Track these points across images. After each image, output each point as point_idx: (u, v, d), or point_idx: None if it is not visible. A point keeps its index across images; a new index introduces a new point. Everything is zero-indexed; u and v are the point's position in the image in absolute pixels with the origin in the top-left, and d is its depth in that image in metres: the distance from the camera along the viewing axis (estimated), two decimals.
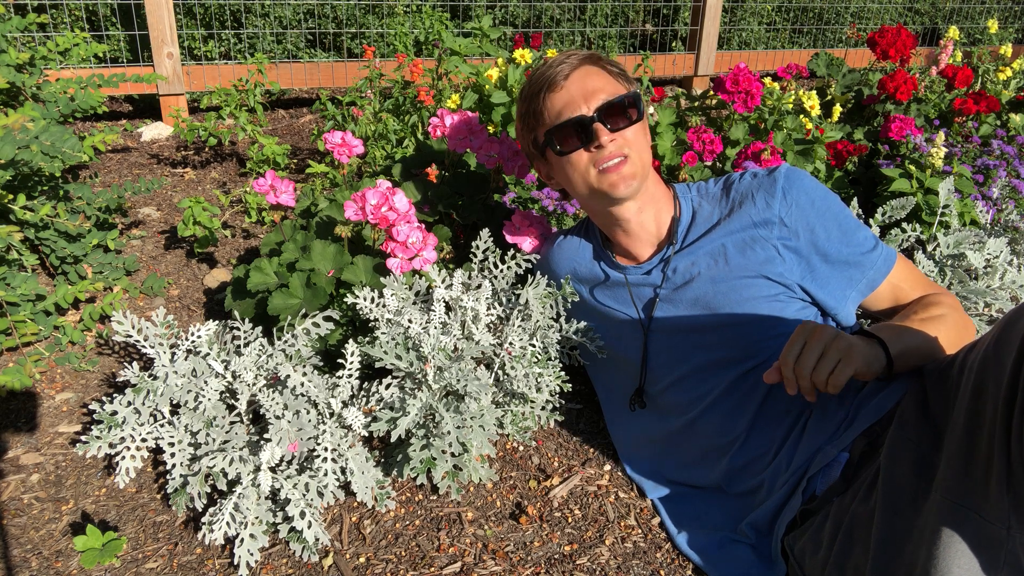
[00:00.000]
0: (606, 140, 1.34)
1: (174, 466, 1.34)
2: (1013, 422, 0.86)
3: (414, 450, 1.32)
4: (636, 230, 1.43)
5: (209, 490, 1.41)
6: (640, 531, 1.38)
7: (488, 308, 1.50)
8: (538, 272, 1.66)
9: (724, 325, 1.34)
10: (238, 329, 1.56)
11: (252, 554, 1.25)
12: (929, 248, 2.07)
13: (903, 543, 0.98)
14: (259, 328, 1.54)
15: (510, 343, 1.43)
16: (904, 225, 2.09)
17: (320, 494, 1.31)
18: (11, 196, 1.82)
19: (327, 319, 1.49)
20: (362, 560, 1.31)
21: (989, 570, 0.89)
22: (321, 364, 1.49)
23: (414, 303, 1.51)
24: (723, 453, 1.34)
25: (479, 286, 1.53)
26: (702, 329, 1.37)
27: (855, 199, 2.22)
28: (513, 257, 1.59)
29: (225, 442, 1.32)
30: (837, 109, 2.74)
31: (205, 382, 1.37)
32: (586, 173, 1.38)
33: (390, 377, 1.42)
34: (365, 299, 1.46)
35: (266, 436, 1.28)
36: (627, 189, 1.36)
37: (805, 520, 1.20)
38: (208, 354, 1.44)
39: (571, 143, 1.37)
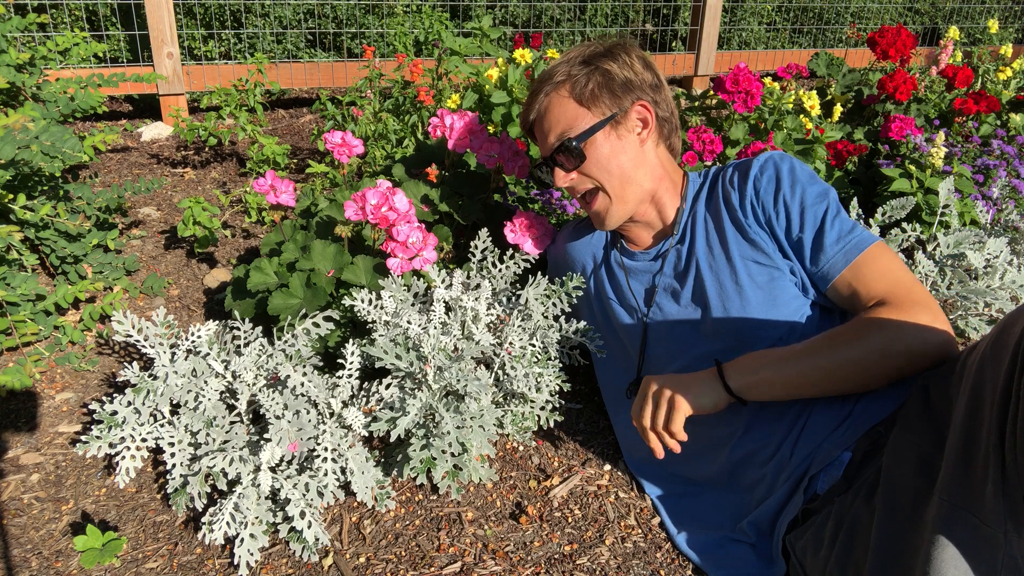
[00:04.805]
0: (563, 183, 1.44)
1: (174, 466, 1.34)
2: (1007, 427, 0.86)
3: (414, 450, 1.32)
4: (640, 221, 1.49)
5: (209, 490, 1.41)
6: (640, 531, 1.38)
7: (488, 308, 1.50)
8: (548, 262, 1.68)
9: (720, 314, 1.35)
10: (238, 329, 1.56)
11: (252, 554, 1.25)
12: (929, 248, 2.07)
13: (903, 544, 0.98)
14: (259, 328, 1.54)
15: (510, 343, 1.43)
16: (904, 225, 2.09)
17: (320, 494, 1.31)
18: (11, 196, 1.82)
19: (327, 319, 1.49)
20: (362, 560, 1.31)
21: (988, 573, 0.89)
22: (321, 364, 1.49)
23: (413, 304, 1.51)
24: (723, 445, 1.34)
25: (478, 286, 1.53)
26: (698, 319, 1.38)
27: (855, 199, 2.22)
28: (512, 256, 1.59)
29: (225, 442, 1.32)
30: (837, 109, 2.74)
31: (205, 382, 1.37)
32: (573, 196, 1.50)
33: (390, 377, 1.42)
34: (363, 301, 1.46)
35: (266, 436, 1.28)
36: (602, 225, 1.47)
37: (807, 519, 1.20)
38: (208, 354, 1.44)
39: (549, 177, 1.47)
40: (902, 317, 1.19)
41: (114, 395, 1.41)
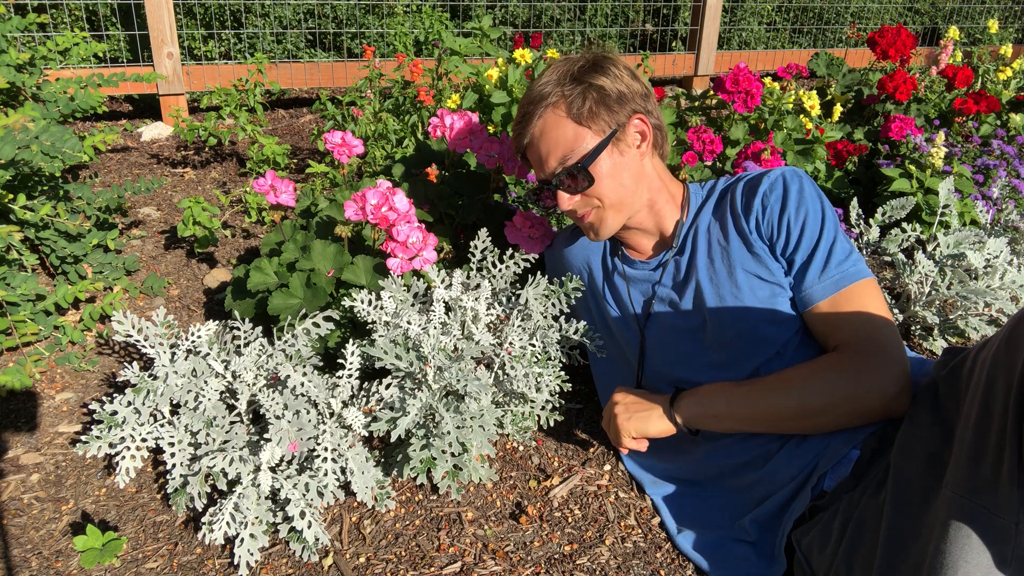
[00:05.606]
0: (567, 206, 1.40)
1: (174, 466, 1.34)
2: None
3: (414, 450, 1.32)
4: (638, 229, 1.47)
5: (209, 490, 1.41)
6: (640, 531, 1.38)
7: (488, 308, 1.50)
8: (547, 265, 1.67)
9: (718, 326, 1.35)
10: (238, 329, 1.56)
11: (252, 554, 1.25)
12: (929, 248, 2.07)
13: (912, 539, 0.99)
14: (259, 328, 1.54)
15: (510, 343, 1.43)
16: (904, 225, 2.09)
17: (320, 494, 1.31)
18: (11, 196, 1.82)
19: (327, 319, 1.49)
20: (362, 560, 1.31)
21: (997, 565, 0.89)
22: (321, 364, 1.49)
23: (413, 304, 1.51)
24: (724, 451, 1.34)
25: (478, 286, 1.53)
26: (698, 329, 1.38)
27: (855, 199, 2.22)
28: (512, 256, 1.59)
29: (225, 442, 1.32)
30: (837, 109, 2.74)
31: (205, 382, 1.37)
32: (572, 218, 1.47)
33: (390, 377, 1.42)
34: (363, 302, 1.46)
35: (266, 436, 1.28)
36: (597, 236, 1.45)
37: (813, 516, 1.21)
38: (208, 354, 1.44)
39: (550, 201, 1.43)
40: (864, 367, 1.21)
41: (114, 395, 1.41)
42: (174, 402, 1.41)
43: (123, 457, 1.36)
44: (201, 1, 3.65)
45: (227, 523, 1.26)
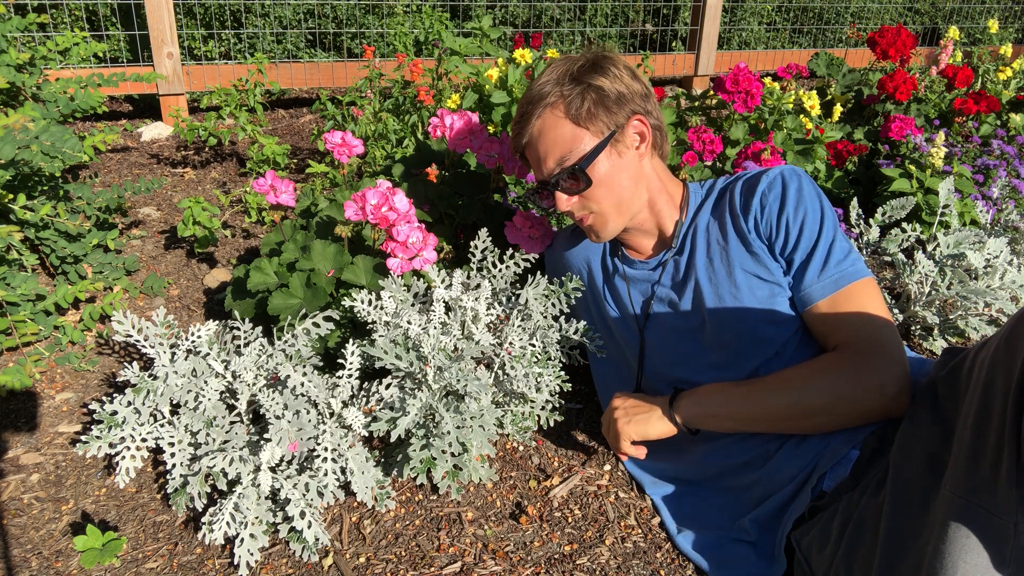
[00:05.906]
0: (565, 207, 1.40)
1: (174, 466, 1.34)
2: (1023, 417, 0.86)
3: (414, 450, 1.32)
4: (639, 229, 1.47)
5: (209, 490, 1.41)
6: (640, 531, 1.38)
7: (488, 308, 1.50)
8: (546, 265, 1.67)
9: (717, 326, 1.35)
10: (238, 329, 1.56)
11: (252, 554, 1.25)
12: (929, 248, 2.07)
13: (911, 539, 0.99)
14: (259, 328, 1.54)
15: (510, 343, 1.43)
16: (904, 225, 2.09)
17: (320, 494, 1.31)
18: (11, 196, 1.82)
19: (327, 319, 1.49)
20: (362, 560, 1.31)
21: (996, 565, 0.89)
22: (321, 364, 1.49)
23: (413, 304, 1.51)
24: (724, 450, 1.34)
25: (478, 286, 1.53)
26: (697, 329, 1.38)
27: (855, 199, 2.22)
28: (512, 256, 1.59)
29: (225, 442, 1.32)
30: (837, 109, 2.74)
31: (205, 382, 1.37)
32: (571, 218, 1.46)
33: (390, 377, 1.42)
34: (363, 302, 1.46)
35: (266, 436, 1.28)
36: (599, 239, 1.45)
37: (812, 516, 1.21)
38: (208, 354, 1.44)
39: (548, 201, 1.43)
40: (863, 367, 1.21)
41: (114, 395, 1.41)
42: (174, 402, 1.41)
43: (123, 457, 1.36)
44: (201, 1, 3.65)
45: (227, 523, 1.26)
